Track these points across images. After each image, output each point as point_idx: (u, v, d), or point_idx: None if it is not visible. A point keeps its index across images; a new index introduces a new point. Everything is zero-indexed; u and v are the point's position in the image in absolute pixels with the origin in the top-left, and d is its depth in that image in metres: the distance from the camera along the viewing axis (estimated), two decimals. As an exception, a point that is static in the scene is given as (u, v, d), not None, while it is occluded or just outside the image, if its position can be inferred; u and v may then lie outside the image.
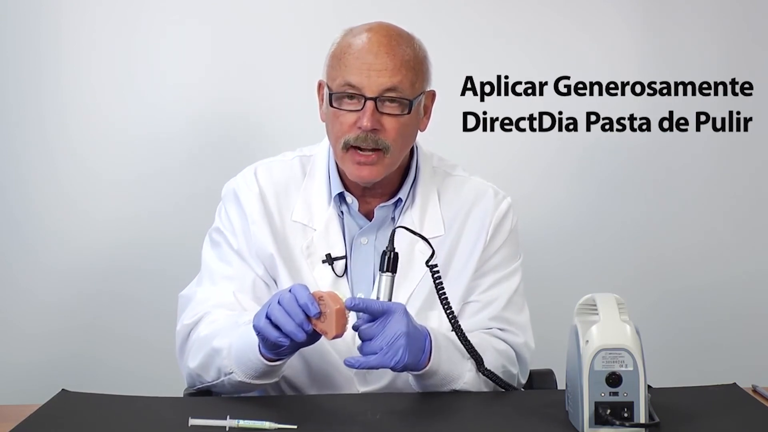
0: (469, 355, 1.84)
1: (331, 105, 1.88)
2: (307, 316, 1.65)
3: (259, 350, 1.73)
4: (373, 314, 1.70)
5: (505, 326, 1.99)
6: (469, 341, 1.83)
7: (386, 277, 1.75)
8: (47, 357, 2.88)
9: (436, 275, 1.81)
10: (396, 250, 1.75)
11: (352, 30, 1.92)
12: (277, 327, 1.66)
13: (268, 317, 1.67)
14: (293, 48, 2.88)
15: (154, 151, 2.89)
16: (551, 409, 1.69)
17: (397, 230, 1.83)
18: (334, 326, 1.64)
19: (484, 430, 1.65)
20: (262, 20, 2.89)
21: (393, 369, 1.72)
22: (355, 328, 1.73)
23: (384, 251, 1.75)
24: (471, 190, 2.02)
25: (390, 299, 1.73)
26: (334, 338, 1.66)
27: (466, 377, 1.84)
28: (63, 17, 2.86)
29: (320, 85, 1.95)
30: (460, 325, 1.82)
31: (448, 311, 1.82)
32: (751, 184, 3.02)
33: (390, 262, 1.74)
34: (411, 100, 1.87)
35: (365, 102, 1.85)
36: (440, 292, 1.81)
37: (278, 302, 1.67)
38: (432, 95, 1.98)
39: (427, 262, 1.80)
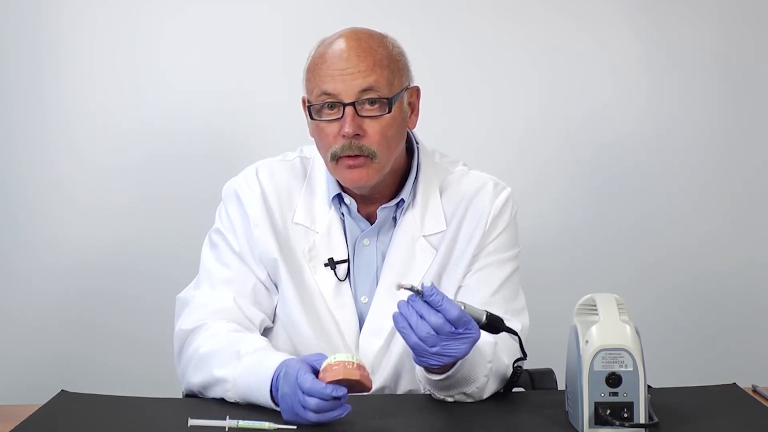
0: (488, 359, 1.78)
1: (312, 118, 1.87)
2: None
3: (271, 395, 1.66)
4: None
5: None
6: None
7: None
8: (47, 356, 2.88)
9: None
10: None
11: (324, 41, 1.91)
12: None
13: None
14: (295, 47, 2.84)
15: (156, 150, 2.88)
16: (551, 409, 1.69)
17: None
18: (366, 383, 1.59)
19: (484, 430, 1.65)
20: (264, 19, 2.89)
21: (425, 362, 1.66)
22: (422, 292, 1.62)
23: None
24: (471, 184, 2.00)
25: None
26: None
27: (480, 381, 1.77)
28: (64, 17, 2.86)
29: (304, 102, 1.93)
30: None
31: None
32: (751, 183, 3.01)
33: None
34: (390, 98, 1.85)
35: (344, 108, 1.83)
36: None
37: (302, 406, 1.57)
38: (416, 91, 1.95)
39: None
